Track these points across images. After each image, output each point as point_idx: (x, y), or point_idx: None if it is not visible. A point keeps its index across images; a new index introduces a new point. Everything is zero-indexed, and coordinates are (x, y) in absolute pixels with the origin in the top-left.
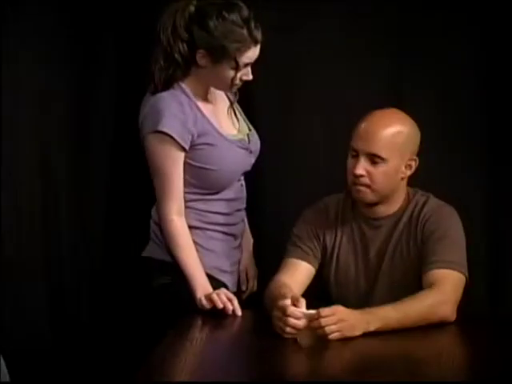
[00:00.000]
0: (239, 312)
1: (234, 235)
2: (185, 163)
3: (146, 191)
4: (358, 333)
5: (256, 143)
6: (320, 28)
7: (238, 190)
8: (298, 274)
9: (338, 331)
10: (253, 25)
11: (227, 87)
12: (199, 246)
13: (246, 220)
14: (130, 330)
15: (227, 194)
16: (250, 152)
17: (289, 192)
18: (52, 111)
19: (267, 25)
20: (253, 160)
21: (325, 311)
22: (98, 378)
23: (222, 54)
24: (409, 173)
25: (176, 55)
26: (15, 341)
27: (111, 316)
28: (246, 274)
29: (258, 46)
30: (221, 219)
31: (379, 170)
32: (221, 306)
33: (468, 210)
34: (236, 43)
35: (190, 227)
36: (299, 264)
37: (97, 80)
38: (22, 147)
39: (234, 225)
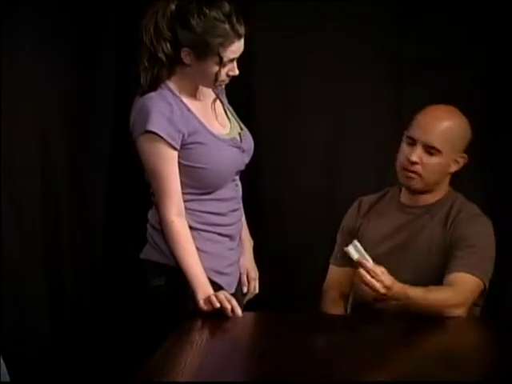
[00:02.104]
0: (239, 311)
1: (229, 236)
2: (177, 163)
3: (145, 192)
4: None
5: (249, 142)
6: (320, 28)
7: (232, 189)
8: (339, 279)
9: (368, 292)
10: (235, 19)
11: (213, 83)
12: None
13: (244, 221)
14: (129, 331)
15: (222, 193)
16: (243, 151)
17: (289, 192)
18: (52, 111)
19: (268, 25)
20: (246, 159)
21: (377, 275)
22: (97, 379)
23: (206, 50)
24: (455, 168)
25: (160, 55)
26: (15, 341)
27: (111, 316)
28: (247, 276)
29: (242, 41)
30: (216, 220)
31: (433, 161)
32: (217, 304)
33: None
34: (219, 38)
35: None
36: (339, 270)
37: (97, 80)
38: (22, 148)
39: (229, 225)
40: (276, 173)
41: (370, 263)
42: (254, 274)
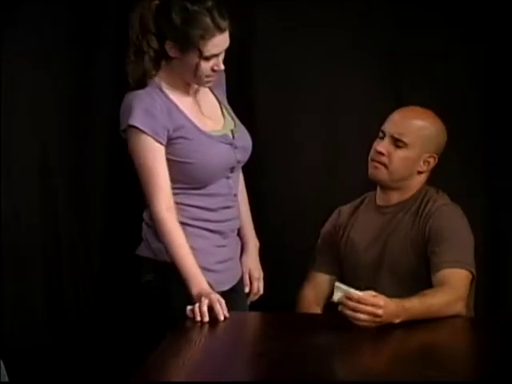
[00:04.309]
0: (226, 313)
1: (220, 233)
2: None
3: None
4: (383, 323)
5: (243, 139)
6: (320, 28)
7: (225, 186)
8: (318, 285)
9: (367, 321)
10: (216, 13)
11: (198, 78)
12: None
13: (250, 221)
14: (128, 330)
15: (212, 189)
16: (235, 148)
17: (289, 191)
18: (51, 112)
19: (268, 25)
20: (239, 156)
21: (366, 300)
22: (97, 379)
23: (188, 43)
24: (425, 168)
25: (146, 49)
26: (14, 341)
27: (110, 316)
28: (250, 277)
29: (225, 35)
30: (204, 215)
31: (399, 154)
32: (198, 318)
33: (468, 210)
34: (199, 30)
35: None
36: (319, 276)
37: (96, 81)
38: (21, 148)
39: (219, 222)
40: (276, 172)
41: (355, 294)
42: (258, 274)
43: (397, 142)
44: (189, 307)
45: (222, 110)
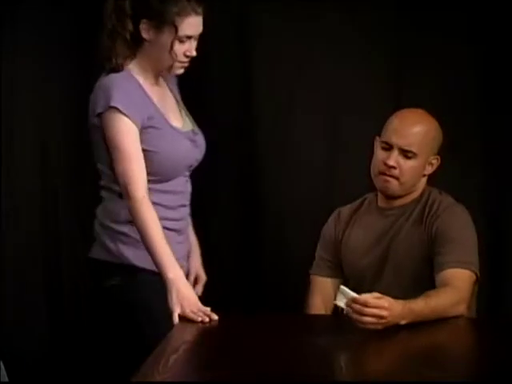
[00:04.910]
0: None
1: (177, 230)
2: None
3: None
4: (389, 324)
5: (201, 140)
6: (320, 28)
7: (183, 184)
8: (324, 290)
9: (372, 324)
10: None
11: (172, 60)
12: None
13: (190, 223)
14: (127, 330)
15: (171, 185)
16: (196, 146)
17: (289, 192)
18: (51, 112)
19: (268, 25)
20: (198, 155)
21: (371, 303)
22: (96, 380)
23: (163, 19)
24: (430, 170)
25: (121, 31)
26: (14, 341)
27: (109, 316)
28: (196, 278)
29: (200, 19)
30: (164, 212)
31: (410, 164)
32: (199, 319)
33: (468, 210)
34: (175, 7)
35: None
36: (324, 281)
37: (96, 80)
38: (21, 148)
39: (176, 220)
40: (276, 172)
41: (361, 297)
42: (204, 276)
43: (406, 153)
44: (176, 317)
45: (180, 111)
